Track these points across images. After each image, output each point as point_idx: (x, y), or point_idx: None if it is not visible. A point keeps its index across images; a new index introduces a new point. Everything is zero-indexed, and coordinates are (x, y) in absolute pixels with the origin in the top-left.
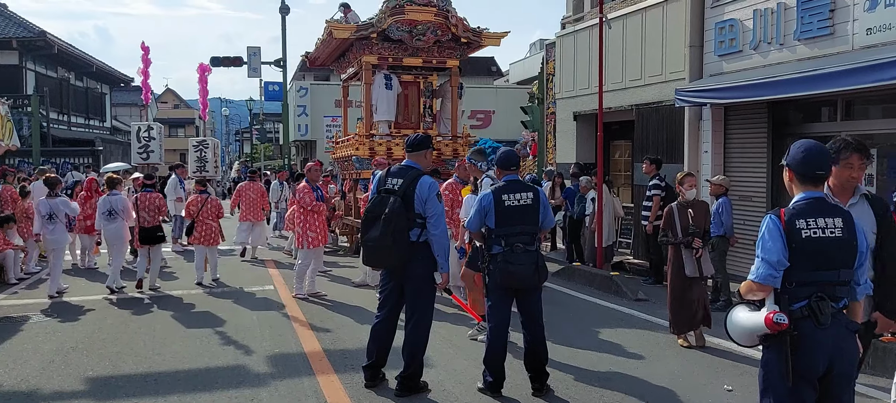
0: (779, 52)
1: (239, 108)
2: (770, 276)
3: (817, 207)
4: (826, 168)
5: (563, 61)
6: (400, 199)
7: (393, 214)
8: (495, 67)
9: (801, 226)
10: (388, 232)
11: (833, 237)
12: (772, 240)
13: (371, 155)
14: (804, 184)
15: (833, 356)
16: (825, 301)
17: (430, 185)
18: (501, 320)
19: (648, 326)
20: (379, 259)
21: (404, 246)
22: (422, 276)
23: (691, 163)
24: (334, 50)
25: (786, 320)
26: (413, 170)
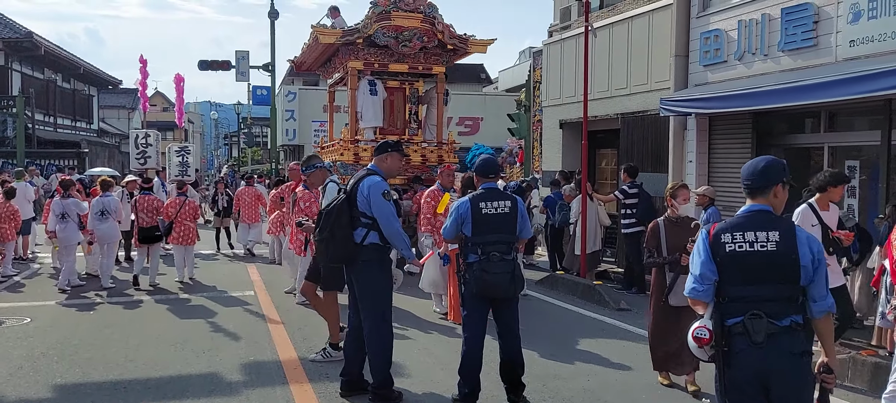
0: (763, 63)
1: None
2: (695, 290)
3: (753, 220)
4: (754, 179)
5: (549, 69)
6: (344, 197)
7: (334, 210)
8: (484, 75)
9: (725, 240)
10: (327, 226)
11: (763, 251)
12: (697, 254)
13: (356, 160)
14: (749, 197)
15: (770, 377)
16: (761, 318)
17: (372, 184)
18: (477, 329)
19: (629, 337)
20: (320, 254)
21: (344, 244)
22: (368, 280)
23: (676, 173)
24: (320, 55)
25: (706, 335)
26: (363, 170)
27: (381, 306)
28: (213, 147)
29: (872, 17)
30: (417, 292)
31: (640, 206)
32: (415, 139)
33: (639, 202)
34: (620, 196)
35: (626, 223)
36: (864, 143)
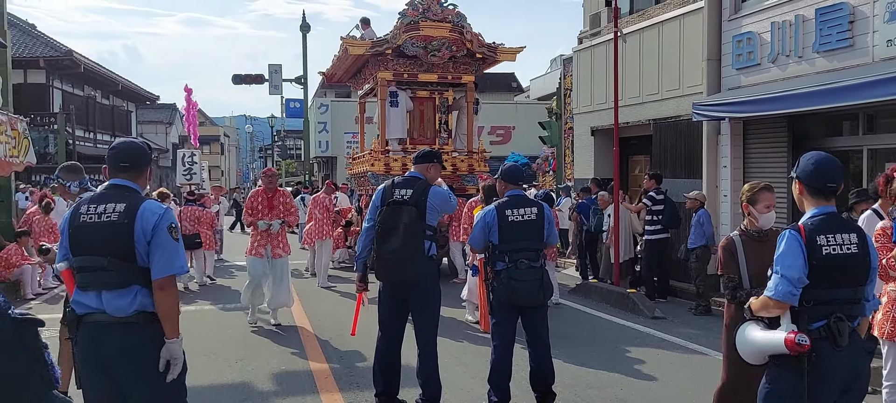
0: (797, 65)
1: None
2: (790, 294)
3: (833, 222)
4: (838, 180)
5: (580, 76)
6: (415, 209)
7: (412, 224)
8: (516, 83)
9: (821, 243)
10: (409, 242)
11: (849, 253)
12: (792, 257)
13: (386, 171)
14: (816, 198)
15: (849, 378)
16: (844, 321)
17: (443, 195)
18: (506, 338)
19: (664, 345)
20: (399, 271)
21: (423, 258)
22: (431, 293)
23: (710, 179)
24: (350, 66)
25: (808, 341)
26: (421, 181)
27: (437, 319)
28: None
29: None
30: (446, 300)
31: (666, 213)
32: (445, 148)
33: (664, 209)
34: (649, 203)
35: (651, 229)
36: None
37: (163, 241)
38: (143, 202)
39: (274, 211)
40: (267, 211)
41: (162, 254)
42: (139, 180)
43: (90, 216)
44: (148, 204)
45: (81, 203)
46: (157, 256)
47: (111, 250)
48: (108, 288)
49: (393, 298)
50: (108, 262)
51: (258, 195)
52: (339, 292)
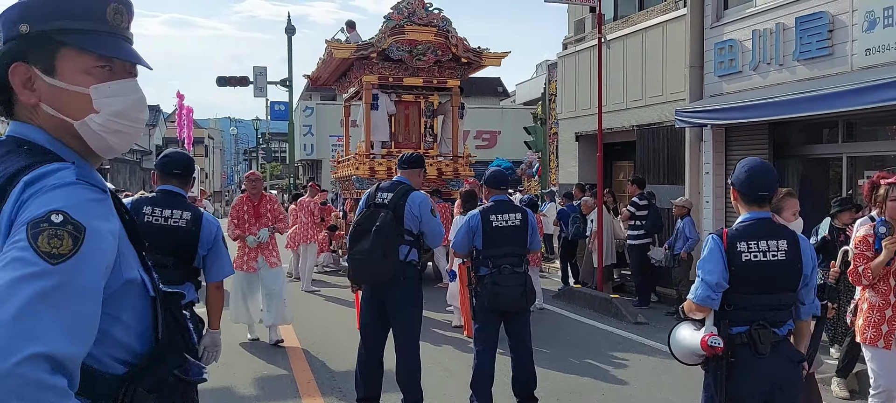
0: (778, 73)
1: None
2: (708, 298)
3: (761, 229)
4: (770, 188)
5: (564, 82)
6: (391, 213)
7: (384, 227)
8: (501, 88)
9: (741, 249)
10: (379, 244)
11: (775, 260)
12: (712, 262)
13: (371, 174)
14: (748, 205)
15: (772, 388)
16: (766, 329)
17: (422, 201)
18: (489, 343)
19: (646, 351)
20: (367, 273)
21: (394, 261)
22: (409, 298)
23: (693, 185)
24: (335, 70)
25: (721, 344)
26: (403, 185)
27: (419, 324)
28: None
29: (888, 24)
30: (428, 305)
31: (650, 218)
32: (430, 153)
33: (648, 214)
34: (632, 209)
35: (634, 234)
36: (885, 153)
37: (220, 250)
38: (202, 213)
39: (261, 219)
40: (253, 220)
41: (219, 260)
42: (185, 187)
43: (155, 218)
44: (207, 215)
45: (141, 203)
46: (215, 261)
47: (175, 251)
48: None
49: (373, 302)
50: (173, 262)
51: (242, 203)
52: (324, 296)
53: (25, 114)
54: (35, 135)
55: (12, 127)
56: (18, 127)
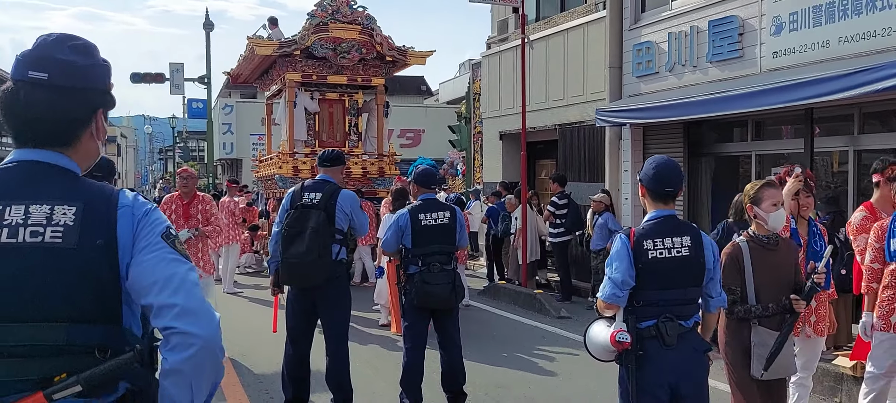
0: (692, 74)
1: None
2: (615, 296)
3: (666, 226)
4: (675, 185)
5: (488, 81)
6: (323, 213)
7: (319, 228)
8: (425, 87)
9: (647, 247)
10: (314, 246)
11: (679, 256)
12: (618, 261)
13: (295, 174)
14: (655, 202)
15: (679, 376)
16: (672, 321)
17: (351, 199)
18: (418, 340)
19: (569, 344)
20: (303, 276)
21: (328, 261)
22: (340, 297)
23: (612, 182)
24: (257, 67)
25: (628, 339)
26: (330, 185)
27: (348, 322)
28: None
29: (793, 29)
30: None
31: (570, 216)
32: (355, 151)
33: (568, 212)
34: (552, 209)
35: (555, 232)
36: (789, 151)
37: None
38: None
39: (191, 220)
40: (183, 221)
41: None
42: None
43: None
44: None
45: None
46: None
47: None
48: None
49: (301, 303)
50: None
51: (172, 201)
52: (247, 298)
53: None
54: (72, 165)
55: (51, 155)
56: (57, 157)
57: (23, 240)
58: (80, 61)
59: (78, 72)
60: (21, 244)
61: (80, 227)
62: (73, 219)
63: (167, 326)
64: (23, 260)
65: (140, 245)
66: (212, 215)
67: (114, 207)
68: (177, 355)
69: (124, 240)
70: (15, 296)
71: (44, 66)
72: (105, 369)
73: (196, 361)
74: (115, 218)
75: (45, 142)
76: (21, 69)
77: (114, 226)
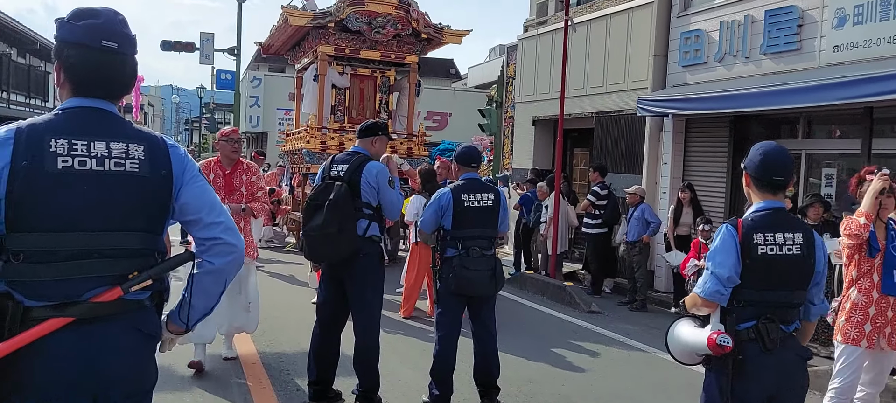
0: (744, 66)
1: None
2: (718, 293)
3: (777, 219)
4: (786, 173)
5: (524, 65)
6: (345, 185)
7: (338, 200)
8: (454, 70)
9: (757, 241)
10: (334, 219)
11: (790, 255)
12: (725, 254)
13: (323, 149)
14: (762, 192)
15: (780, 385)
16: (774, 323)
17: (378, 171)
18: (452, 329)
19: (602, 340)
20: (323, 250)
21: (351, 237)
22: (369, 275)
23: (650, 174)
24: (289, 38)
25: (730, 342)
26: (359, 155)
27: (379, 305)
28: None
29: (858, 22)
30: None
31: (609, 208)
32: None
33: (608, 203)
34: (593, 198)
35: (592, 224)
36: (843, 151)
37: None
38: None
39: (234, 193)
40: (223, 195)
41: None
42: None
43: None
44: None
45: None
46: None
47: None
48: None
49: (331, 280)
50: None
51: (210, 169)
52: (268, 272)
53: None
54: (118, 113)
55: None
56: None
57: (108, 168)
58: (132, 35)
59: (132, 43)
60: (107, 171)
61: (149, 161)
62: (143, 154)
63: (215, 237)
64: (110, 183)
65: (187, 177)
66: (258, 188)
67: (166, 147)
68: (221, 259)
69: (177, 172)
70: (106, 210)
71: (113, 38)
72: (165, 266)
73: (234, 264)
74: (169, 156)
75: (106, 95)
76: (95, 37)
77: (169, 161)
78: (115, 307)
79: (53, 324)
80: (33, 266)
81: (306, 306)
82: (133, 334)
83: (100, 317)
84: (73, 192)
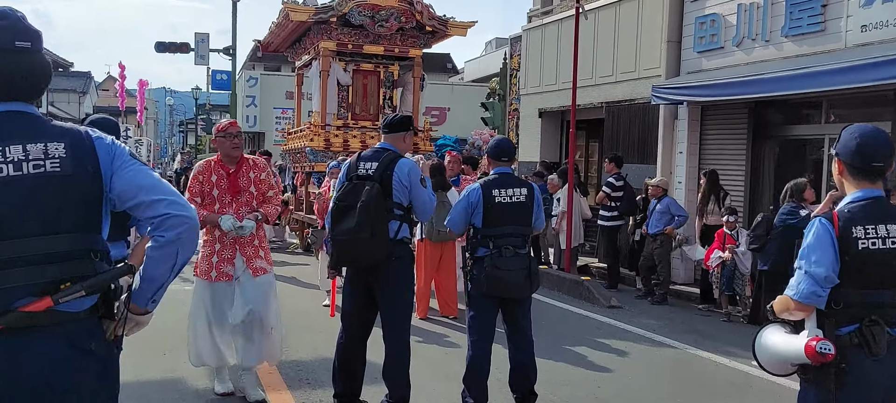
0: (764, 50)
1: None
2: (815, 295)
3: (877, 210)
4: (885, 158)
5: (529, 56)
6: (377, 185)
7: (370, 201)
8: (451, 64)
9: (857, 235)
10: (366, 222)
11: (894, 248)
12: (821, 251)
13: (326, 146)
14: (858, 180)
15: (889, 394)
16: (880, 326)
17: (410, 169)
18: (485, 333)
19: (628, 337)
20: (355, 255)
21: (384, 240)
22: (401, 280)
23: (665, 165)
24: (290, 34)
25: (831, 350)
26: (389, 153)
27: (410, 310)
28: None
29: (887, 0)
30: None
31: (625, 199)
32: None
33: (623, 195)
34: (608, 190)
35: (608, 216)
36: None
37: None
38: None
39: (241, 196)
40: (229, 198)
41: None
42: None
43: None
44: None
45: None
46: None
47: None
48: None
49: (357, 286)
50: None
51: (209, 170)
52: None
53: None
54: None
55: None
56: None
57: (27, 172)
58: (39, 32)
59: (41, 40)
60: (27, 174)
61: (72, 158)
62: (64, 152)
63: (162, 213)
64: (30, 186)
65: (116, 165)
66: (268, 186)
67: (90, 141)
68: (172, 231)
69: (105, 163)
70: (28, 215)
71: (25, 37)
72: (100, 279)
73: (187, 236)
74: (94, 149)
75: (24, 96)
76: (7, 38)
77: (95, 155)
78: (46, 318)
79: None
80: None
81: (317, 309)
82: (63, 348)
83: (29, 328)
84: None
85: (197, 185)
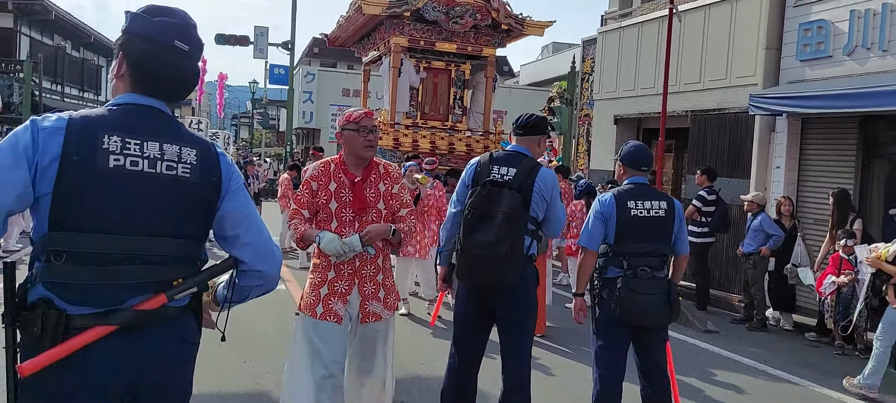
0: (880, 60)
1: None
2: None
3: None
4: None
5: (604, 60)
6: (519, 194)
7: (513, 213)
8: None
9: None
10: (508, 235)
11: None
12: None
13: (395, 146)
14: None
15: None
16: None
17: (553, 180)
18: (615, 367)
19: (739, 368)
20: (490, 272)
21: (520, 258)
22: (527, 302)
23: (759, 179)
24: (359, 28)
25: None
26: (528, 159)
27: (531, 336)
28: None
29: None
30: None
31: (716, 215)
32: (458, 126)
33: (715, 210)
34: (699, 204)
35: (698, 232)
36: None
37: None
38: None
39: (367, 212)
40: (351, 215)
41: None
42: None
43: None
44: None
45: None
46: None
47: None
48: None
49: (475, 304)
50: None
51: (328, 175)
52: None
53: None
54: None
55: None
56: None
57: (160, 171)
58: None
59: (201, 49)
60: (160, 174)
61: (201, 167)
62: (195, 160)
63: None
64: (161, 186)
65: (233, 186)
66: (401, 203)
67: (216, 154)
68: (250, 282)
69: (225, 181)
70: (155, 214)
71: (186, 39)
72: (209, 273)
73: (261, 291)
74: (218, 163)
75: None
76: (168, 35)
77: (219, 169)
78: (157, 314)
79: (97, 332)
80: (76, 268)
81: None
82: (176, 342)
83: (143, 325)
84: (122, 193)
85: (308, 194)
